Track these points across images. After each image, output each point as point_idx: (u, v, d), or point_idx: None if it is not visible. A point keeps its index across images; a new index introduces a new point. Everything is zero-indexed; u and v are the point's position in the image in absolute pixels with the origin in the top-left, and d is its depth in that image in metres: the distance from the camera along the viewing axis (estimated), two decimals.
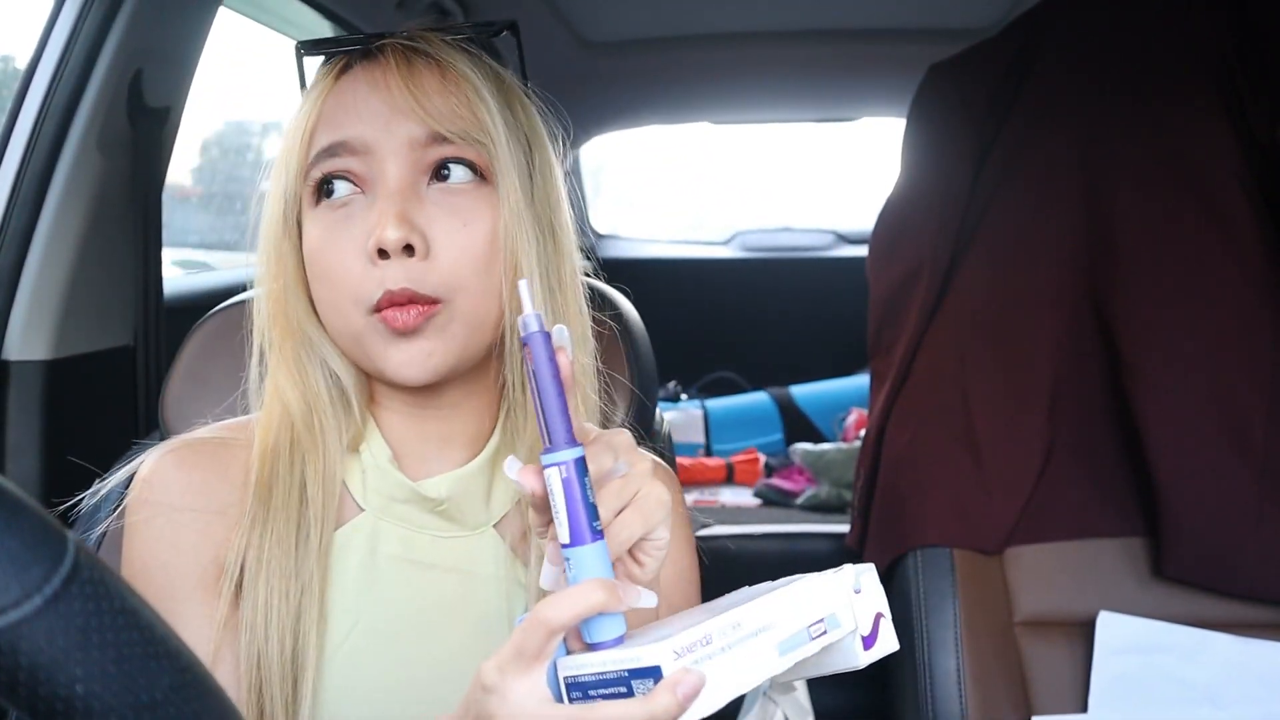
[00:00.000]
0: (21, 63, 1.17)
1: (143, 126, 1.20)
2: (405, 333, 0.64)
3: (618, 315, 0.92)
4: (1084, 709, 1.05)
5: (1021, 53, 1.23)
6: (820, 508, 2.02)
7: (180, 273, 1.82)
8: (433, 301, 0.64)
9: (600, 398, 0.75)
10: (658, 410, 1.06)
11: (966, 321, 1.20)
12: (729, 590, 0.66)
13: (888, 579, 1.18)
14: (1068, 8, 1.23)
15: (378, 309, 0.64)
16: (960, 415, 1.16)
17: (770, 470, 2.21)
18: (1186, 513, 1.05)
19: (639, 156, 3.84)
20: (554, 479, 0.51)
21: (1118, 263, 1.13)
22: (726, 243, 3.10)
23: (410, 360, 0.65)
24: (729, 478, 2.22)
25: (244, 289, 0.93)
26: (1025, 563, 1.12)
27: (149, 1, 1.15)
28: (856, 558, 1.26)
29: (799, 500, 2.05)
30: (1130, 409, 1.09)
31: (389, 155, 0.65)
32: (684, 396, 2.62)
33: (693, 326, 2.70)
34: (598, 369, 0.74)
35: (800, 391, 2.53)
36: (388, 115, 0.65)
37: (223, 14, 1.31)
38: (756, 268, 3.00)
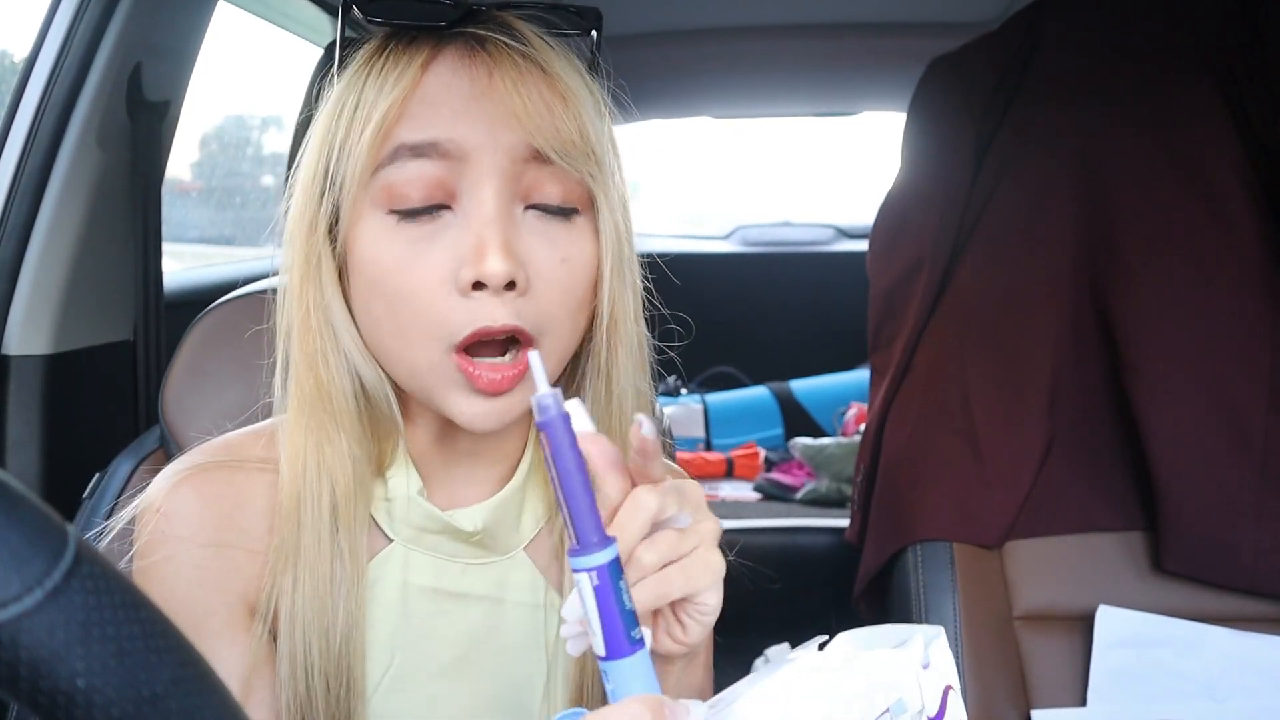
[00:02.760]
0: (20, 57, 1.17)
1: (142, 121, 1.20)
2: (492, 394, 0.58)
3: None
4: (1083, 703, 1.05)
5: (1022, 47, 1.23)
6: (820, 502, 2.02)
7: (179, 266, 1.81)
8: (530, 339, 0.58)
9: None
10: (658, 405, 1.06)
11: (966, 316, 1.20)
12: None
13: (887, 573, 1.18)
14: (1068, 3, 1.23)
15: (463, 347, 0.58)
16: (960, 410, 1.16)
17: (770, 465, 2.21)
18: (1185, 507, 1.05)
19: (639, 151, 3.84)
20: (585, 585, 0.46)
21: (1117, 258, 1.13)
22: (727, 237, 3.10)
23: (487, 415, 0.59)
24: (729, 472, 2.22)
25: (244, 284, 0.93)
26: (1024, 557, 1.12)
27: None
28: (856, 552, 1.27)
29: (799, 495, 2.06)
30: (1130, 403, 1.09)
31: (488, 170, 0.58)
32: (684, 391, 2.62)
33: (693, 321, 2.70)
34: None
35: (800, 386, 2.53)
36: (490, 124, 0.57)
37: (221, 8, 1.31)
38: (757, 262, 3.00)
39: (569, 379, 0.68)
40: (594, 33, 0.66)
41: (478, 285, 0.57)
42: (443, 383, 0.59)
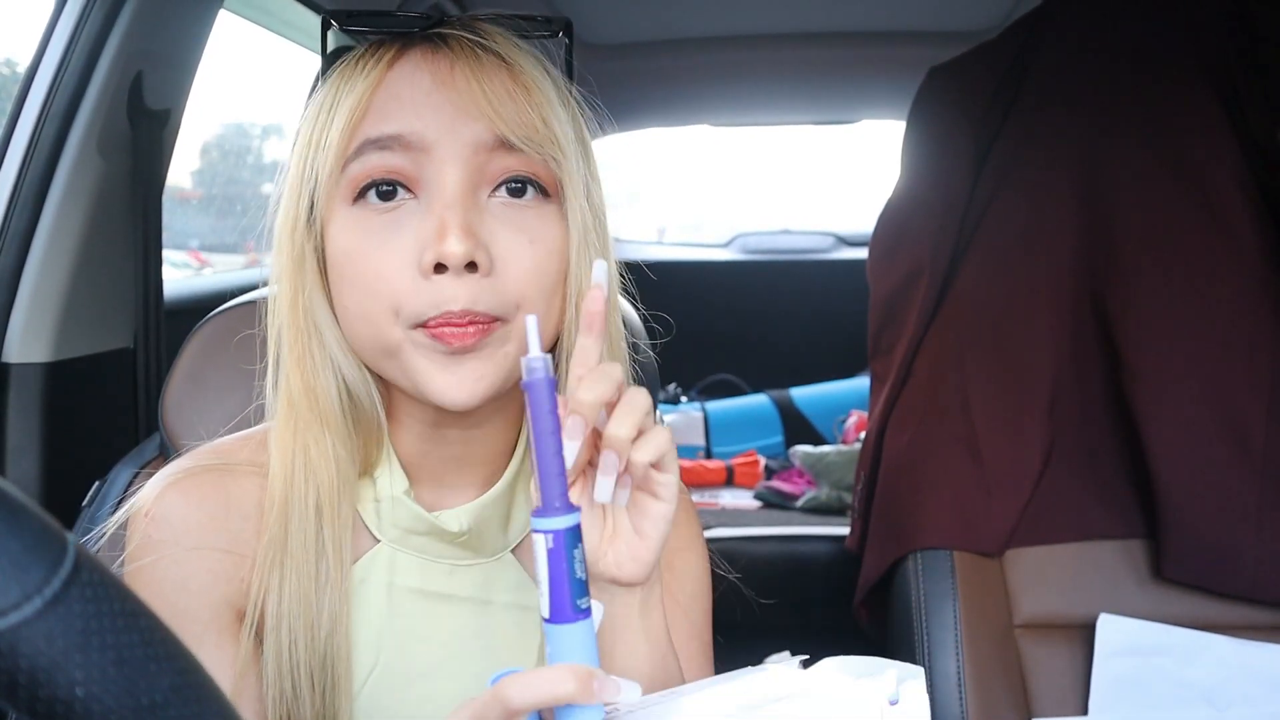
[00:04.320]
0: (23, 65, 1.17)
1: (143, 129, 1.20)
2: (460, 352, 0.59)
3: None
4: (1084, 711, 1.05)
5: (1021, 55, 1.24)
6: (820, 510, 2.02)
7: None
8: (491, 320, 0.59)
9: None
10: (658, 412, 1.06)
11: (966, 323, 1.20)
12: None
13: (887, 581, 1.18)
14: (1067, 10, 1.23)
15: (426, 325, 0.59)
16: (960, 417, 1.16)
17: (770, 473, 2.21)
18: (1186, 514, 1.05)
19: (639, 159, 3.84)
20: (539, 546, 0.47)
21: (1117, 264, 1.13)
22: (726, 245, 3.11)
23: (459, 383, 0.59)
24: (729, 480, 2.22)
25: (244, 291, 0.93)
26: (1025, 565, 1.12)
27: (149, 4, 1.15)
28: (856, 560, 1.26)
29: (799, 503, 2.05)
30: (1130, 410, 1.09)
31: (449, 158, 0.59)
32: (684, 399, 2.62)
33: (692, 329, 2.70)
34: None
35: (800, 394, 2.53)
36: (452, 114, 0.59)
37: (223, 17, 1.31)
38: (756, 270, 3.00)
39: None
40: (565, 38, 0.67)
41: (440, 268, 0.58)
42: (412, 356, 0.60)
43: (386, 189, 0.60)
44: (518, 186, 0.61)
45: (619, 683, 0.47)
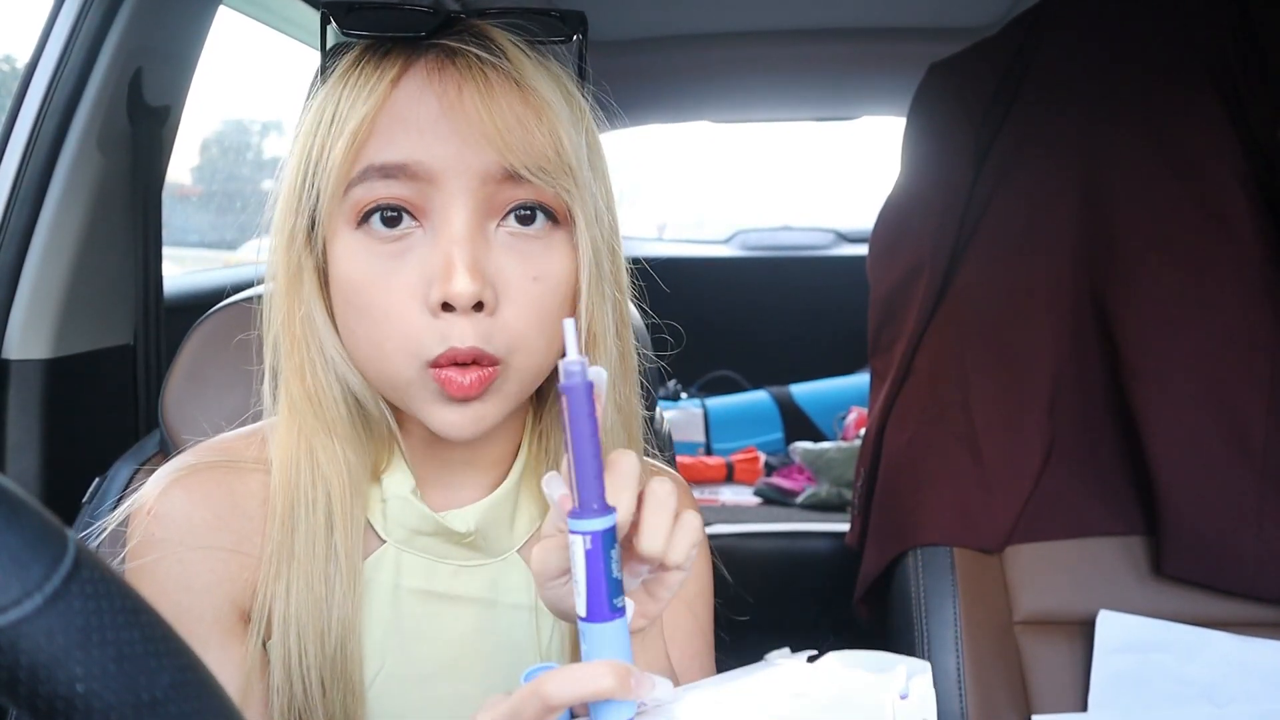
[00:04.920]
0: (22, 62, 1.17)
1: (143, 125, 1.20)
2: (463, 401, 0.58)
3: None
4: (1084, 708, 1.05)
5: (1021, 51, 1.23)
6: (820, 506, 2.02)
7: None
8: (495, 362, 0.58)
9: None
10: (658, 409, 1.06)
11: (966, 320, 1.20)
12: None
13: (887, 577, 1.18)
14: (1068, 7, 1.23)
15: (435, 364, 0.58)
16: (960, 414, 1.16)
17: (770, 469, 2.21)
18: (1186, 511, 1.05)
19: (639, 155, 3.84)
20: (577, 547, 0.48)
21: (1118, 261, 1.13)
22: (727, 241, 3.11)
23: (461, 421, 0.59)
24: (729, 476, 2.22)
25: (244, 288, 0.93)
26: (1025, 561, 1.12)
27: (149, 0, 1.15)
28: (856, 557, 1.27)
29: (799, 499, 2.05)
30: (1130, 408, 1.09)
31: (457, 191, 0.57)
32: (684, 395, 2.62)
33: (693, 325, 2.70)
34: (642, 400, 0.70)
35: (800, 390, 2.53)
36: (459, 144, 0.57)
37: (223, 13, 1.31)
38: (757, 267, 3.00)
39: (547, 395, 0.68)
40: (579, 38, 0.64)
41: (446, 306, 0.57)
42: (419, 394, 0.60)
43: (392, 214, 0.58)
44: (527, 214, 0.59)
45: (654, 679, 0.47)
